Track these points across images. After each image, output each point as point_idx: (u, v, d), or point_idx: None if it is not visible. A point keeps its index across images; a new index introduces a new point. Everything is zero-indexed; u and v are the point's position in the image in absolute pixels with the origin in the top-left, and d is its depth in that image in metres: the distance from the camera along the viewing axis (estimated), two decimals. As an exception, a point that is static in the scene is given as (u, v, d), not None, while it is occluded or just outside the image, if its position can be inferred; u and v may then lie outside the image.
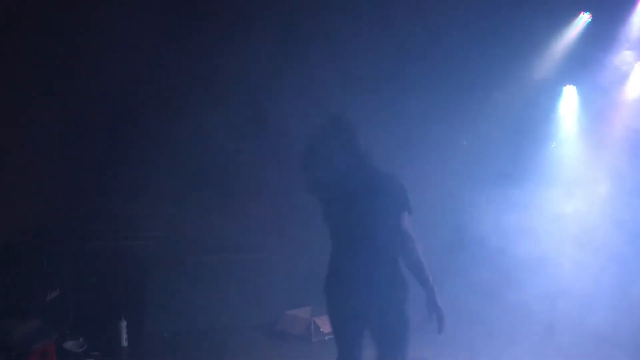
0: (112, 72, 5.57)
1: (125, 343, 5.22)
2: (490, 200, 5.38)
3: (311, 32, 5.70)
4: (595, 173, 5.69)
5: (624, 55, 5.77)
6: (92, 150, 5.78)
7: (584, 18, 5.84)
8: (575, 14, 5.86)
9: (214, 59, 5.87)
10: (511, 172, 5.69)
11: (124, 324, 5.22)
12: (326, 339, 5.36)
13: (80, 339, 5.16)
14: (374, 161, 3.12)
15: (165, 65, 5.76)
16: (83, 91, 5.62)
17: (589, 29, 5.84)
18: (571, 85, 6.15)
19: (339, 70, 5.71)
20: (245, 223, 6.05)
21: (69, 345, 5.07)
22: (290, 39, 5.70)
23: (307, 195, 3.22)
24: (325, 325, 5.43)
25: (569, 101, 6.18)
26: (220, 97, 5.80)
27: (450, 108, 5.94)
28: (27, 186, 5.35)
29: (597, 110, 5.96)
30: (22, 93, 5.29)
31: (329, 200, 3.15)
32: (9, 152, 5.23)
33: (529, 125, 6.07)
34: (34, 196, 5.39)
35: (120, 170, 5.80)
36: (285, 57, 5.70)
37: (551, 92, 6.18)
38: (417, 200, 3.06)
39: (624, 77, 5.87)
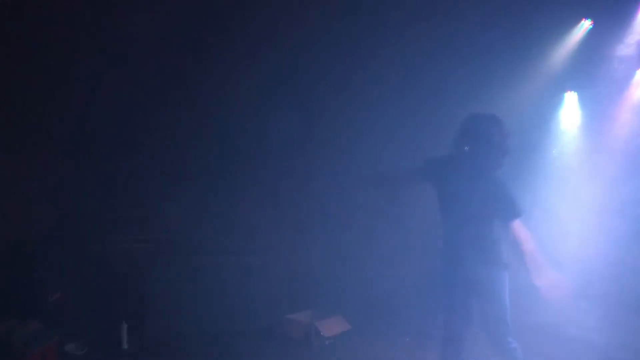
0: (121, 75, 5.62)
1: (126, 346, 5.22)
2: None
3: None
4: (596, 180, 5.69)
5: (625, 62, 5.78)
6: (95, 153, 5.81)
7: (586, 25, 5.86)
8: (576, 21, 5.88)
9: (217, 63, 5.92)
10: (512, 179, 5.68)
11: (125, 326, 5.22)
12: (327, 343, 5.35)
13: (81, 342, 5.17)
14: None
15: (169, 67, 5.80)
16: (91, 94, 5.66)
17: (591, 35, 5.85)
18: (572, 92, 6.16)
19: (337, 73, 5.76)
20: (247, 226, 6.06)
21: (70, 347, 5.08)
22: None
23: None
24: (325, 329, 5.43)
25: (570, 107, 6.19)
26: (221, 99, 5.83)
27: (452, 115, 5.95)
28: (29, 188, 5.38)
29: (598, 116, 5.96)
30: (33, 94, 5.33)
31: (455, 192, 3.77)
32: (11, 153, 5.26)
33: (530, 131, 6.07)
34: (36, 198, 5.42)
35: (123, 172, 5.82)
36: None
37: (552, 99, 6.19)
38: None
39: (625, 83, 5.88)
